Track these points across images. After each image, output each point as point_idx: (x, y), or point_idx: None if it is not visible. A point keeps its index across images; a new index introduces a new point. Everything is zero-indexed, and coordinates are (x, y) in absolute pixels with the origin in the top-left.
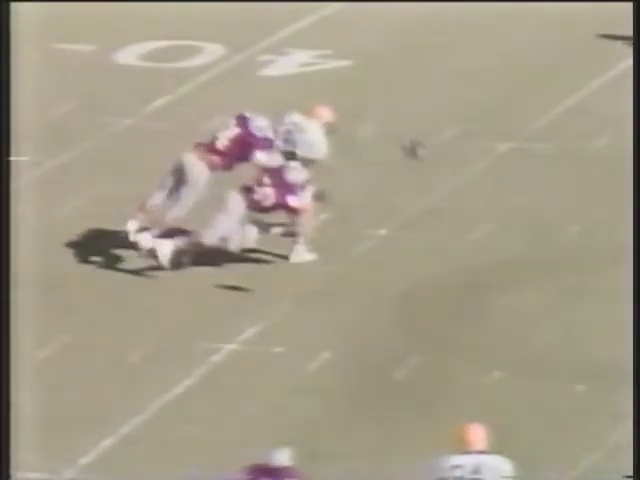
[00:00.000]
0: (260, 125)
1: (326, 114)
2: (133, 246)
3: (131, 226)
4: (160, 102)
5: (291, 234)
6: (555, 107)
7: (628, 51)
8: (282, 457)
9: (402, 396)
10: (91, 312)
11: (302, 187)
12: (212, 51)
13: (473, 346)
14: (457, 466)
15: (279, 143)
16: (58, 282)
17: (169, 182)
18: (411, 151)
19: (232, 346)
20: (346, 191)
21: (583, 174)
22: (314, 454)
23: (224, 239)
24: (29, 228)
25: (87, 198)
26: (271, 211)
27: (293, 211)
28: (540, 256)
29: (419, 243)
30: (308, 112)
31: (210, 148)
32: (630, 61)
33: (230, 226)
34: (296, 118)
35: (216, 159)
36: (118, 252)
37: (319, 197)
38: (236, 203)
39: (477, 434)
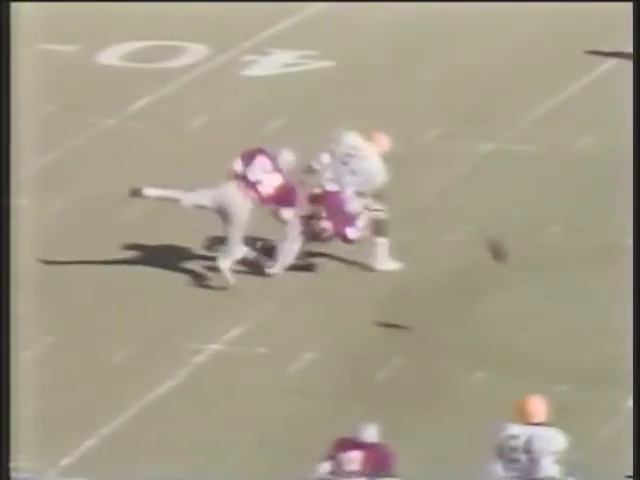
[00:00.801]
0: (288, 160)
1: (385, 142)
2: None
3: (136, 193)
4: (143, 102)
5: (380, 232)
6: (538, 108)
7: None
8: (369, 433)
9: (385, 396)
10: (74, 312)
11: (359, 217)
12: (196, 51)
13: (457, 346)
14: (512, 436)
15: (336, 165)
16: (41, 282)
17: (203, 201)
18: (495, 252)
19: (216, 346)
20: None
21: (566, 175)
22: (298, 454)
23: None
24: (13, 227)
25: (72, 198)
26: (328, 241)
27: (350, 242)
28: (524, 256)
29: (402, 244)
30: (366, 136)
31: (252, 188)
32: (613, 62)
33: (294, 255)
34: (355, 141)
35: (258, 198)
36: (105, 252)
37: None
38: (296, 233)
39: (538, 406)
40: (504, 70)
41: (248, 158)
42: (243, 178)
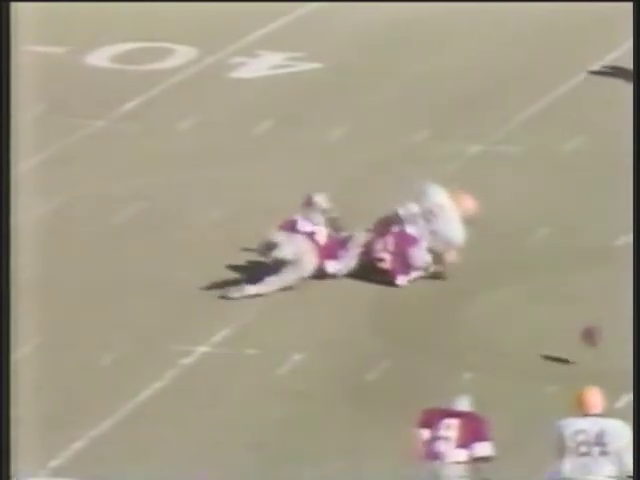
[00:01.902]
0: (320, 221)
1: (471, 205)
2: None
3: (276, 237)
4: (132, 104)
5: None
6: (526, 109)
7: (600, 55)
8: (463, 403)
9: (374, 398)
10: (63, 314)
11: (417, 269)
12: (184, 53)
13: (444, 348)
14: (580, 431)
15: (420, 220)
16: (29, 283)
17: (288, 254)
18: (589, 339)
19: (204, 348)
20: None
21: (554, 176)
22: (287, 456)
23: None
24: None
25: (60, 200)
26: (377, 269)
27: (394, 285)
28: (510, 258)
29: None
30: (453, 196)
31: (311, 239)
32: (601, 63)
33: (351, 268)
34: (441, 198)
35: (316, 249)
36: (94, 254)
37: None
38: (357, 251)
39: (596, 397)
40: (492, 71)
41: (290, 226)
42: (297, 230)
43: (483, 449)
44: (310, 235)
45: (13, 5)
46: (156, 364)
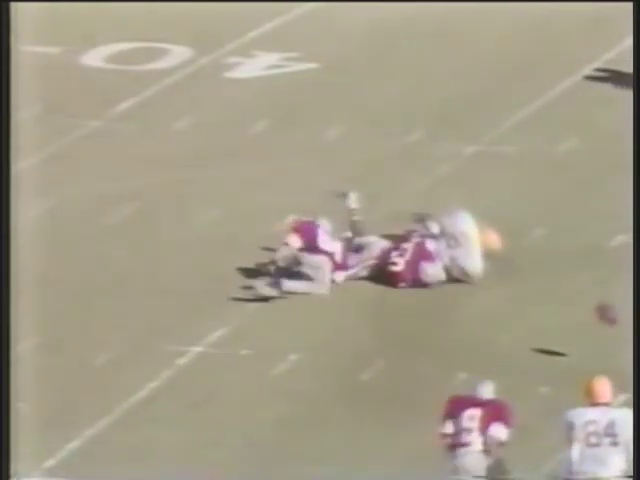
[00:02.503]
0: (329, 229)
1: (495, 242)
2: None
3: (303, 258)
4: (128, 104)
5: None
6: (522, 110)
7: (595, 54)
8: (486, 389)
9: (369, 398)
10: (57, 314)
11: (425, 285)
12: (179, 53)
13: (439, 348)
14: (591, 422)
15: (442, 241)
16: (24, 283)
17: (309, 270)
18: (604, 318)
19: (198, 349)
20: (316, 197)
21: (550, 176)
22: (282, 456)
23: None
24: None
25: (57, 200)
26: (386, 272)
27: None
28: (507, 258)
29: None
30: (480, 229)
31: (331, 258)
32: (596, 64)
33: (363, 273)
34: (468, 228)
35: (334, 267)
36: (90, 254)
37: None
38: (377, 250)
39: (605, 386)
40: (489, 71)
41: (310, 237)
42: (315, 249)
43: (497, 431)
44: (331, 256)
45: (13, 5)
46: (152, 364)
